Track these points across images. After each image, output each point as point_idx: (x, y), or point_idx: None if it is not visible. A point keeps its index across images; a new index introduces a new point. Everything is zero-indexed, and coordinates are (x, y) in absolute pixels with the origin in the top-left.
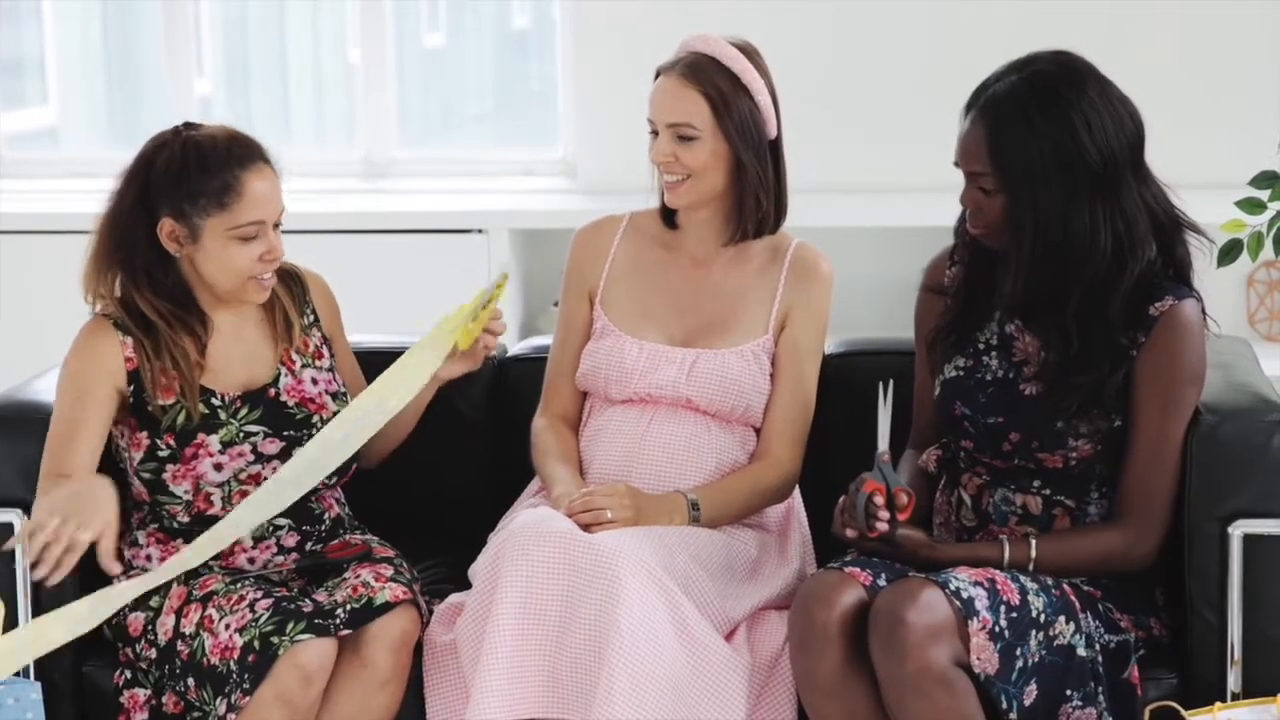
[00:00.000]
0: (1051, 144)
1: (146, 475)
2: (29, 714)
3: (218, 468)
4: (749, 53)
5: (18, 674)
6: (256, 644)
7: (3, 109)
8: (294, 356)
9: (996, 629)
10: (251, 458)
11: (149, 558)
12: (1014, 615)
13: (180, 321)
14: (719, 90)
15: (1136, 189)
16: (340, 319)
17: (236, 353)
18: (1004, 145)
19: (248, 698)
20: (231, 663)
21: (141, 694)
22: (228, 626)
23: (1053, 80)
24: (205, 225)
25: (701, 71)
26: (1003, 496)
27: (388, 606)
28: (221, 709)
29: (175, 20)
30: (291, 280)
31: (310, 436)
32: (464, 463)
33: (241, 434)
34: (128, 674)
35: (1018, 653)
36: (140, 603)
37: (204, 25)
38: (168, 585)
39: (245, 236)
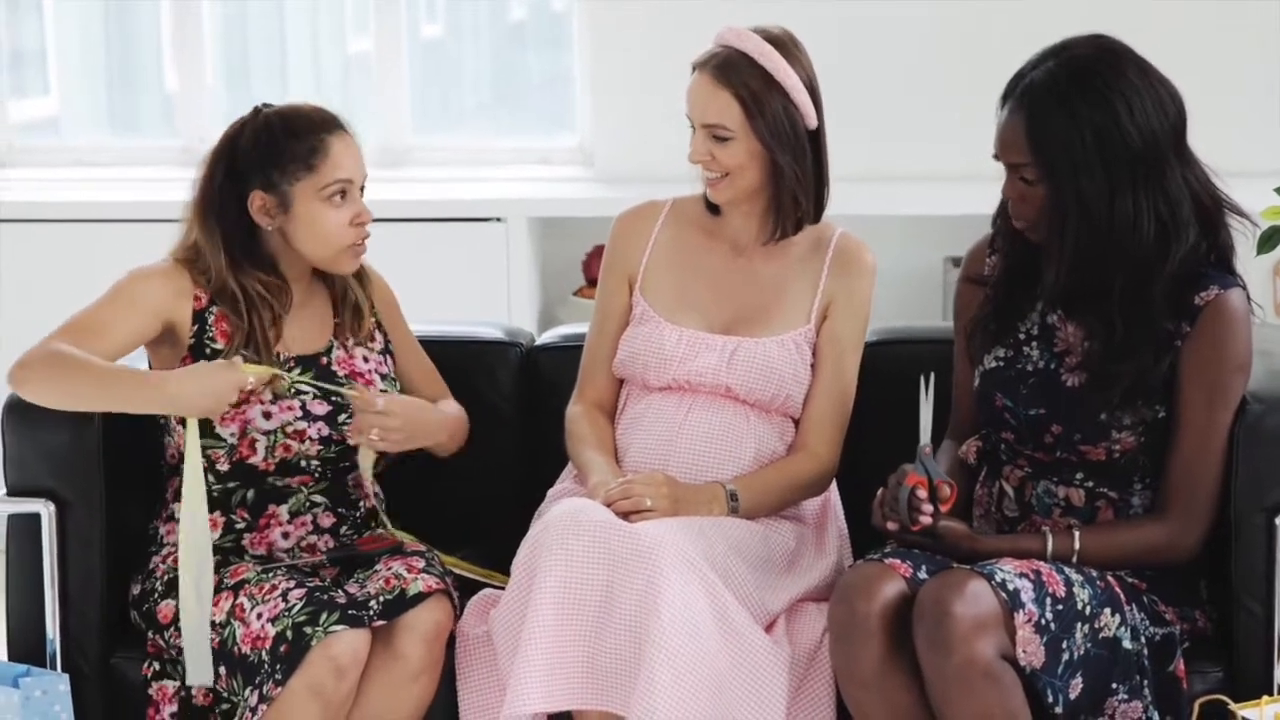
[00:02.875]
0: (1092, 130)
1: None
2: (56, 706)
3: (266, 415)
4: (784, 45)
5: (44, 665)
6: (289, 634)
7: (6, 99)
8: (348, 335)
9: (1042, 621)
10: (300, 413)
11: None
12: (1060, 608)
13: (273, 296)
14: (750, 91)
15: (1180, 171)
16: (399, 313)
17: (296, 320)
18: (1044, 134)
19: (280, 688)
20: (263, 652)
21: (170, 685)
22: (259, 616)
23: (1091, 64)
24: (295, 191)
25: (733, 70)
26: (1045, 489)
27: (421, 597)
28: (253, 699)
29: (176, 12)
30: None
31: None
32: (493, 453)
33: (292, 388)
34: (156, 665)
35: (1063, 645)
36: (170, 590)
37: (204, 15)
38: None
39: (333, 195)
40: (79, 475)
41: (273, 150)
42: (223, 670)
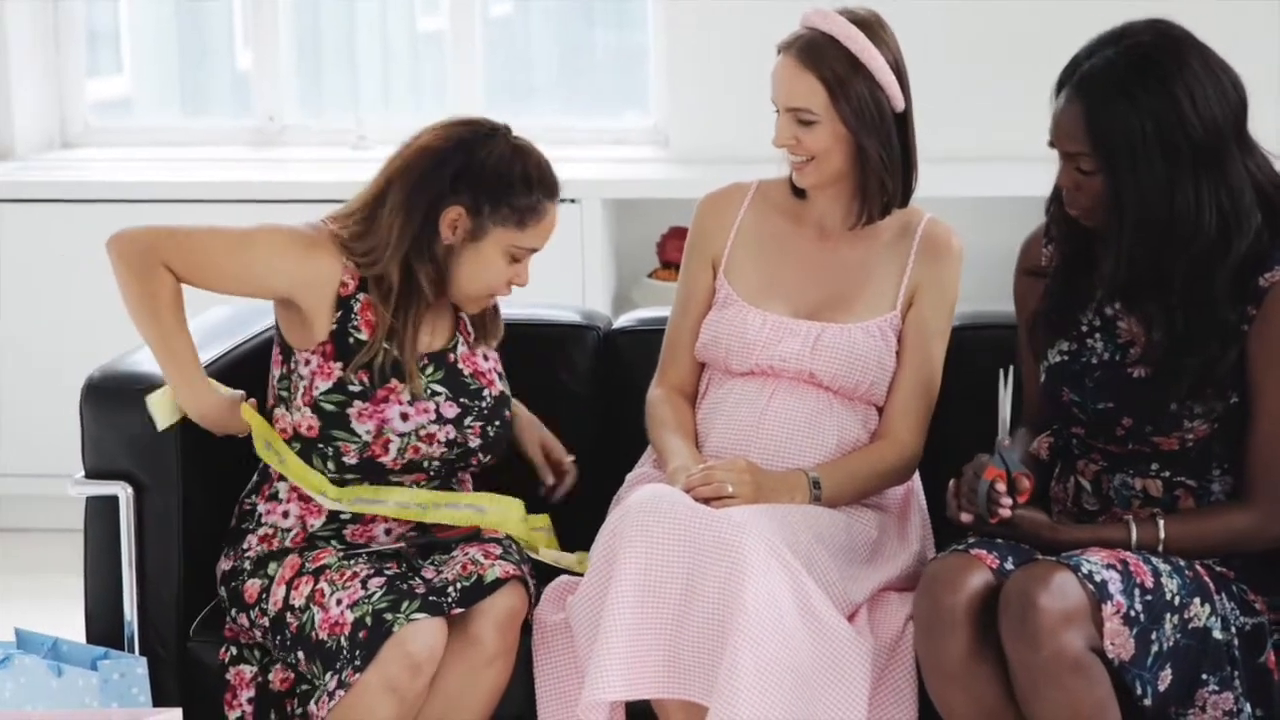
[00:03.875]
0: (1153, 120)
1: (329, 406)
2: (134, 688)
3: (404, 417)
4: (869, 26)
5: (122, 648)
6: (369, 619)
7: (82, 79)
8: (470, 333)
9: (1131, 613)
10: (433, 416)
11: (285, 514)
12: (1148, 598)
13: (432, 292)
14: (835, 74)
15: (1241, 159)
16: None
17: (426, 318)
18: (1102, 123)
19: (357, 674)
20: (341, 638)
21: (248, 671)
22: (339, 602)
23: (1151, 52)
24: (492, 231)
25: (817, 54)
26: (1122, 482)
27: (498, 583)
28: (331, 684)
29: None
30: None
31: (480, 409)
32: (570, 437)
33: (428, 390)
34: (233, 650)
35: (1152, 637)
36: (258, 569)
37: None
38: (283, 554)
39: (517, 258)
40: (157, 458)
41: (502, 185)
42: (302, 655)
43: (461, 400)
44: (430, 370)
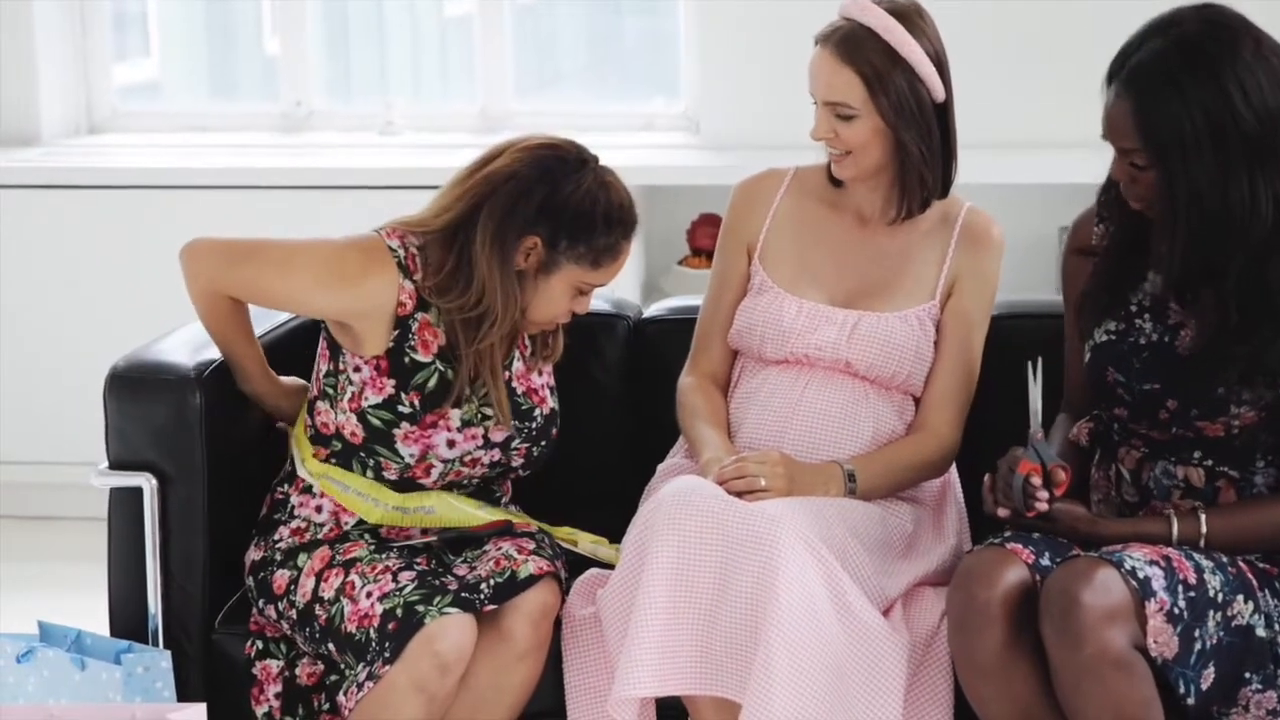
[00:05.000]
0: (1203, 113)
1: (377, 423)
2: (158, 682)
3: (450, 444)
4: (909, 17)
5: (146, 641)
6: (399, 611)
7: (109, 63)
8: (527, 347)
9: (1174, 610)
10: (481, 442)
11: (319, 508)
12: (1191, 595)
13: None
14: (874, 67)
15: None
16: None
17: None
18: (1153, 120)
19: (387, 666)
20: (370, 630)
21: (275, 665)
22: (369, 595)
23: (1200, 42)
24: (565, 266)
25: (856, 47)
26: (1163, 469)
27: (532, 580)
28: (362, 675)
29: None
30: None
31: (530, 430)
32: (600, 428)
33: (479, 415)
34: (259, 643)
35: (1196, 635)
36: (287, 560)
37: None
38: (313, 545)
39: (584, 293)
40: (181, 448)
41: (584, 224)
42: (332, 646)
43: (513, 423)
44: (484, 391)
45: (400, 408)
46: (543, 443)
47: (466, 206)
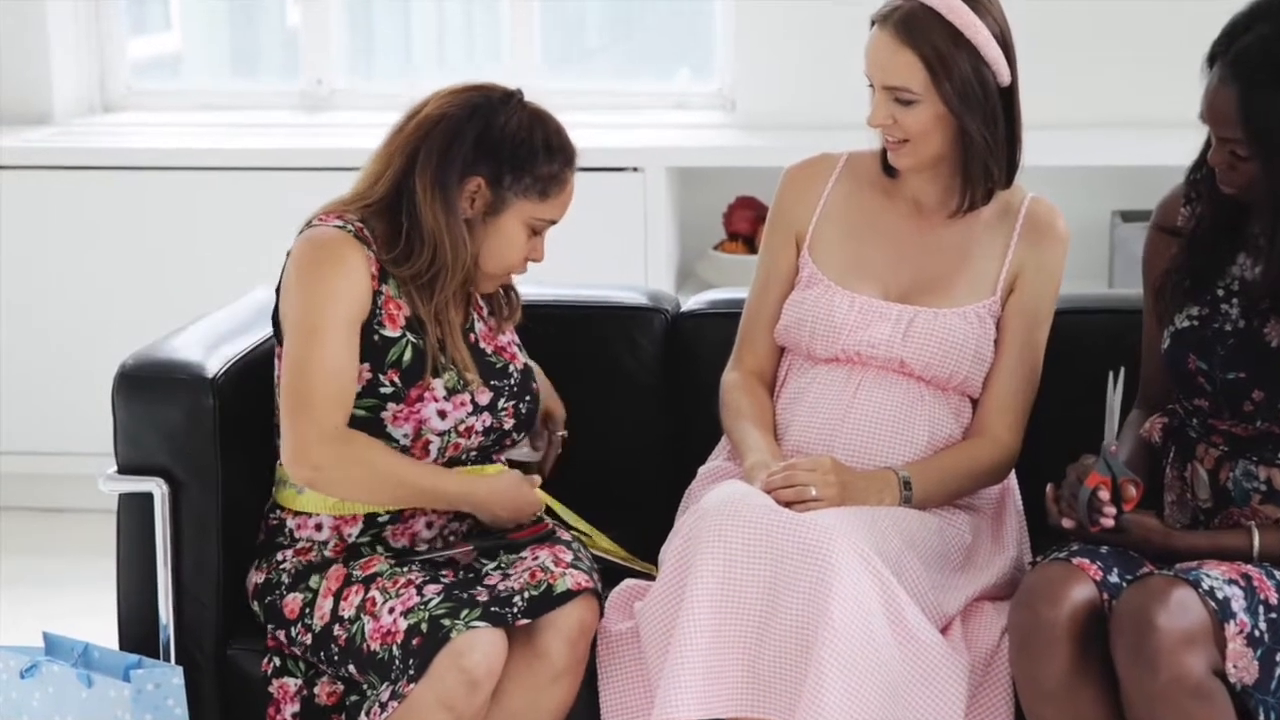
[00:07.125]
0: None
1: (362, 413)
2: (170, 700)
3: (441, 415)
4: None
5: (157, 656)
6: (424, 626)
7: (126, 39)
8: (483, 308)
9: (1255, 633)
10: (470, 408)
11: (319, 526)
12: (1273, 616)
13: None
14: (936, 50)
15: None
16: None
17: None
18: (1260, 112)
19: (411, 685)
20: (394, 647)
21: (292, 684)
22: (391, 610)
23: None
24: (513, 203)
25: (917, 28)
26: (1244, 470)
27: (568, 595)
28: (385, 694)
29: None
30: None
31: (510, 387)
32: (636, 427)
33: (461, 381)
34: (276, 660)
35: (1278, 659)
36: (298, 583)
37: None
38: (324, 565)
39: (536, 230)
40: (194, 453)
41: (523, 154)
42: (353, 668)
43: (491, 382)
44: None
45: (382, 389)
46: (527, 398)
47: (401, 162)
